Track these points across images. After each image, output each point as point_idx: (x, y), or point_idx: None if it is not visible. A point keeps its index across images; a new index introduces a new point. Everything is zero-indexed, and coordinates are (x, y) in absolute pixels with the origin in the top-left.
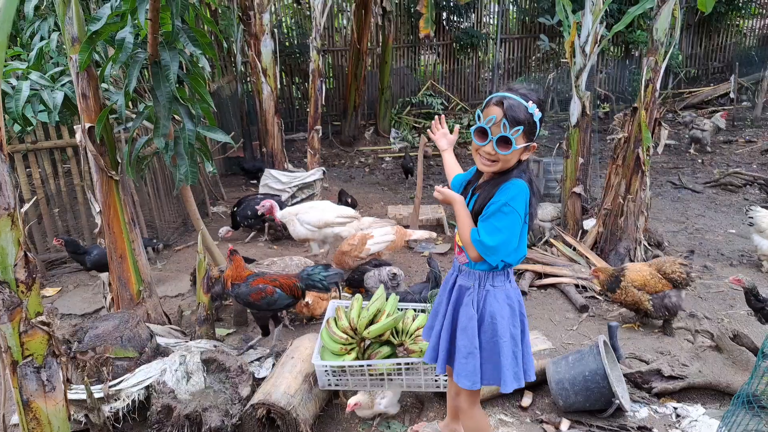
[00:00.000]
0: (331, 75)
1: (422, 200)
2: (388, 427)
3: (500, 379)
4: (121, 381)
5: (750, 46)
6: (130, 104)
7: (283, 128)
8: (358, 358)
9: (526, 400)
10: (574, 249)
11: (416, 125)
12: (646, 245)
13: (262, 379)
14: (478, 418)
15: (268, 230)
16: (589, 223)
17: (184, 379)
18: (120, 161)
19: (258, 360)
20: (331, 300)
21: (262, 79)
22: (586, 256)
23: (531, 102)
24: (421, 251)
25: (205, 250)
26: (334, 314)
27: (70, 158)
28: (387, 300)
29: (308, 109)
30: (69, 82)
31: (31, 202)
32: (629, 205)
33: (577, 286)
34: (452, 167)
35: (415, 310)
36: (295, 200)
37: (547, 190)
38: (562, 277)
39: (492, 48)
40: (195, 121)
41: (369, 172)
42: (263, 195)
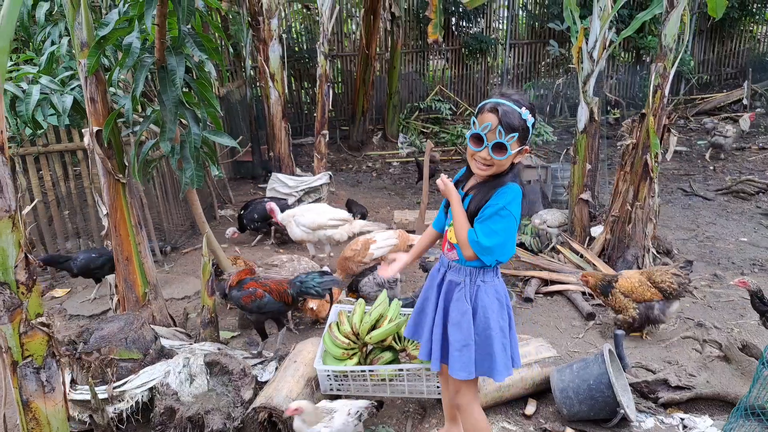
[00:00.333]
0: (340, 80)
1: (428, 205)
2: None
3: (493, 370)
4: (125, 382)
5: (764, 52)
6: (138, 108)
7: (291, 133)
8: (360, 363)
9: (530, 409)
10: (581, 256)
11: (424, 130)
12: (655, 253)
13: (265, 383)
14: (477, 415)
15: (275, 234)
16: (597, 230)
17: (187, 381)
18: (127, 165)
19: (261, 363)
20: (334, 304)
21: (270, 83)
22: (593, 263)
23: (524, 108)
24: (426, 256)
25: (210, 252)
26: (337, 319)
27: (80, 161)
28: (389, 305)
29: (316, 114)
30: (78, 86)
31: (32, 205)
32: (637, 212)
33: (584, 294)
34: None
35: None
36: (302, 204)
37: (554, 196)
38: (569, 284)
39: (501, 53)
40: (201, 125)
41: (376, 177)
42: (269, 199)
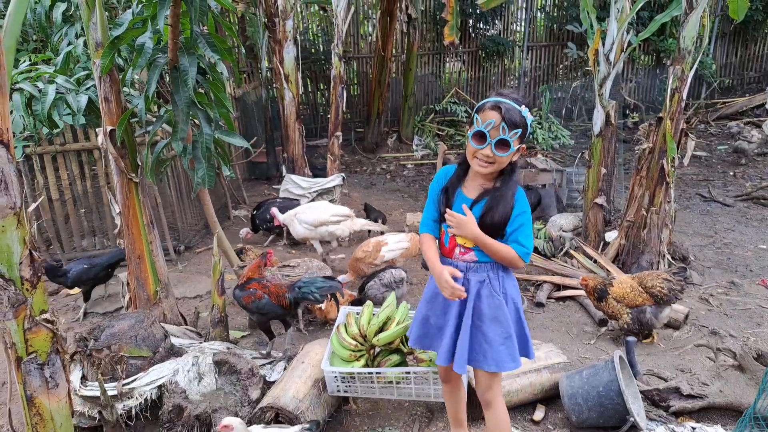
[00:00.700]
0: (356, 82)
1: None
2: None
3: (528, 350)
4: (135, 380)
5: None
6: (152, 108)
7: (305, 134)
8: (367, 365)
9: (539, 414)
10: (595, 261)
11: (439, 133)
12: (670, 259)
13: (273, 383)
14: (504, 410)
15: (287, 235)
16: (611, 235)
17: (195, 379)
18: (140, 164)
19: (270, 363)
20: (342, 306)
21: (285, 85)
22: (607, 269)
23: (523, 106)
24: None
25: (221, 252)
26: (345, 320)
27: (96, 160)
28: (397, 307)
29: (330, 116)
30: (93, 85)
31: (38, 203)
32: (653, 217)
33: None
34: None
35: None
36: None
37: (569, 200)
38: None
39: (518, 56)
40: (213, 125)
41: (390, 179)
42: (282, 199)
